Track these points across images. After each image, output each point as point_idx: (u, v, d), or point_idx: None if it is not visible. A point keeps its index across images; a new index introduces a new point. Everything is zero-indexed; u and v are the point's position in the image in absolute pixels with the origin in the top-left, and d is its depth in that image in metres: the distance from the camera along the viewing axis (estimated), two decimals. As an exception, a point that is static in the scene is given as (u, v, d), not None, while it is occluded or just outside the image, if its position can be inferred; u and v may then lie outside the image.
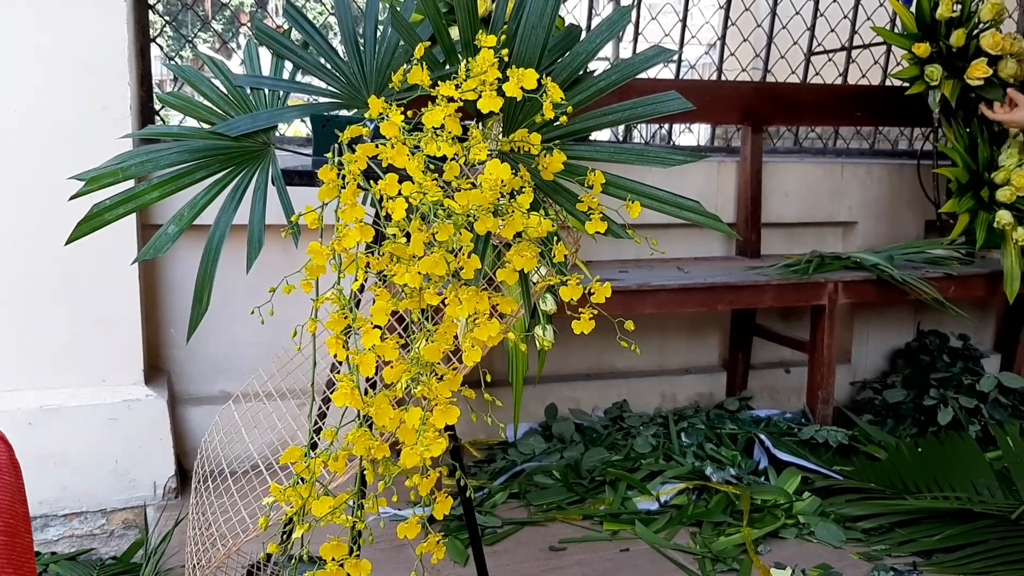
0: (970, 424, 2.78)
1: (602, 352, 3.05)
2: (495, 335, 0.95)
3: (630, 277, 2.61)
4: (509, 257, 1.00)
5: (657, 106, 1.35)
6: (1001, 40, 2.78)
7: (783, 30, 3.41)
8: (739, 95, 3.08)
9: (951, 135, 2.89)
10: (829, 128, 3.59)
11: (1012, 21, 3.58)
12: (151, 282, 2.48)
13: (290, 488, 0.97)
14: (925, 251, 3.01)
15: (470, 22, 1.37)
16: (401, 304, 0.96)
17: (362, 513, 1.02)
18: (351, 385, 0.94)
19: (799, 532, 2.22)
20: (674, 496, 2.37)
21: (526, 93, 1.11)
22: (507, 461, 2.59)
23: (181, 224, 1.44)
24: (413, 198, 0.97)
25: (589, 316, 1.02)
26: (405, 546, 0.98)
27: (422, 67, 1.11)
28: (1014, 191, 2.79)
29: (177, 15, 2.75)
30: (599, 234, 1.11)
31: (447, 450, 0.95)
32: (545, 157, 1.15)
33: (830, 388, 2.81)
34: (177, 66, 1.76)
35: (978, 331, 3.46)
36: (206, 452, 1.74)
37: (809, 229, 3.29)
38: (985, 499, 2.29)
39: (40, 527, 2.19)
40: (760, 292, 2.67)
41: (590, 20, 3.21)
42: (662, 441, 2.69)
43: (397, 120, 1.05)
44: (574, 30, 1.44)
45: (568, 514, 2.30)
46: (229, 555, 1.43)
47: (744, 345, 3.14)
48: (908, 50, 2.85)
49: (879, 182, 3.33)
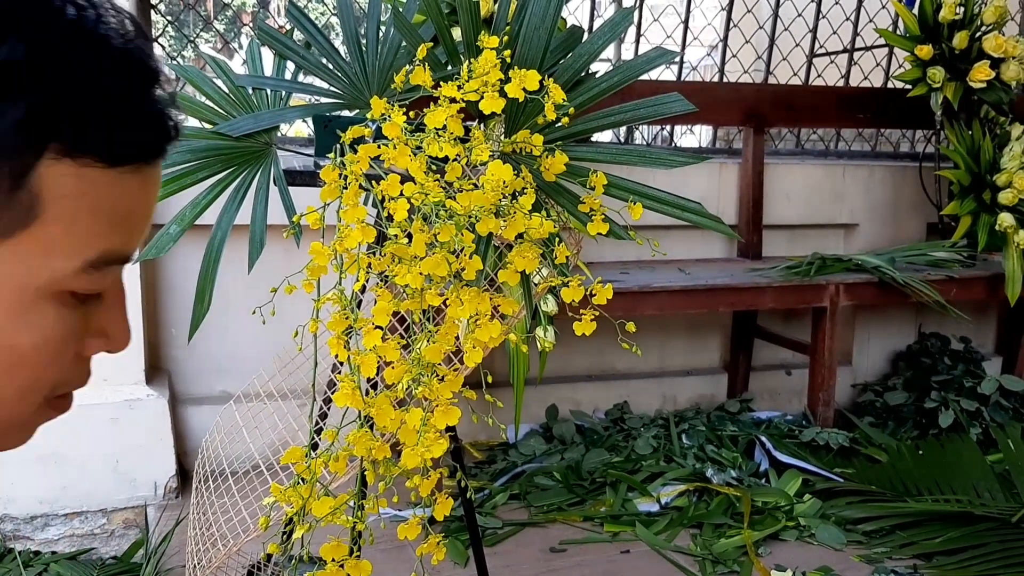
0: (971, 427, 2.78)
1: (603, 353, 3.05)
2: (496, 336, 0.95)
3: (632, 278, 2.61)
4: (511, 258, 1.00)
5: (659, 108, 1.35)
6: (1004, 43, 2.78)
7: (785, 32, 3.40)
8: (741, 97, 3.08)
9: (953, 137, 2.89)
10: (831, 130, 3.59)
11: (1015, 24, 3.59)
12: (152, 282, 2.49)
13: (291, 488, 0.97)
14: (927, 253, 3.01)
15: (472, 23, 1.37)
16: (403, 305, 0.96)
17: (362, 514, 1.02)
18: (352, 386, 0.94)
19: (800, 534, 2.22)
20: (675, 498, 2.37)
21: (528, 94, 1.11)
22: (508, 462, 2.59)
23: (183, 224, 1.44)
24: (415, 199, 0.97)
25: (591, 318, 1.02)
26: (405, 547, 0.97)
27: (424, 68, 1.11)
28: (1016, 194, 2.79)
29: (179, 15, 2.75)
30: (601, 235, 1.11)
31: (448, 451, 0.95)
32: (547, 158, 1.15)
33: (831, 390, 2.81)
34: (179, 66, 1.76)
35: (979, 334, 3.46)
36: (207, 452, 1.75)
37: (811, 231, 3.29)
38: (986, 502, 2.29)
39: (41, 526, 2.20)
40: (761, 294, 2.67)
41: (592, 21, 3.20)
42: (663, 443, 2.69)
43: (399, 121, 1.05)
44: (576, 31, 1.44)
45: (569, 515, 2.30)
46: (230, 555, 1.43)
47: (745, 347, 3.14)
48: (910, 52, 2.85)
49: (881, 184, 3.33)
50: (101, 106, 0.46)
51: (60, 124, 0.45)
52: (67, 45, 0.45)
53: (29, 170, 0.45)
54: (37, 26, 0.44)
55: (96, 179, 0.47)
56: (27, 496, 2.19)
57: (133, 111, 0.48)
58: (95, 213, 0.48)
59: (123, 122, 0.48)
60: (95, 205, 0.48)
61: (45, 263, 0.48)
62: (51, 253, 0.48)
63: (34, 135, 0.45)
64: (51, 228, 0.47)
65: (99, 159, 0.47)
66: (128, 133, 0.48)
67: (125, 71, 0.47)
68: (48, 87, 0.44)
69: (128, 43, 0.48)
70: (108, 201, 0.48)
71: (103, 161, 0.47)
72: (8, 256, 0.47)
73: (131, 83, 0.48)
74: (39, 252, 0.47)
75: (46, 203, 0.46)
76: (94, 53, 0.46)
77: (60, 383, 0.54)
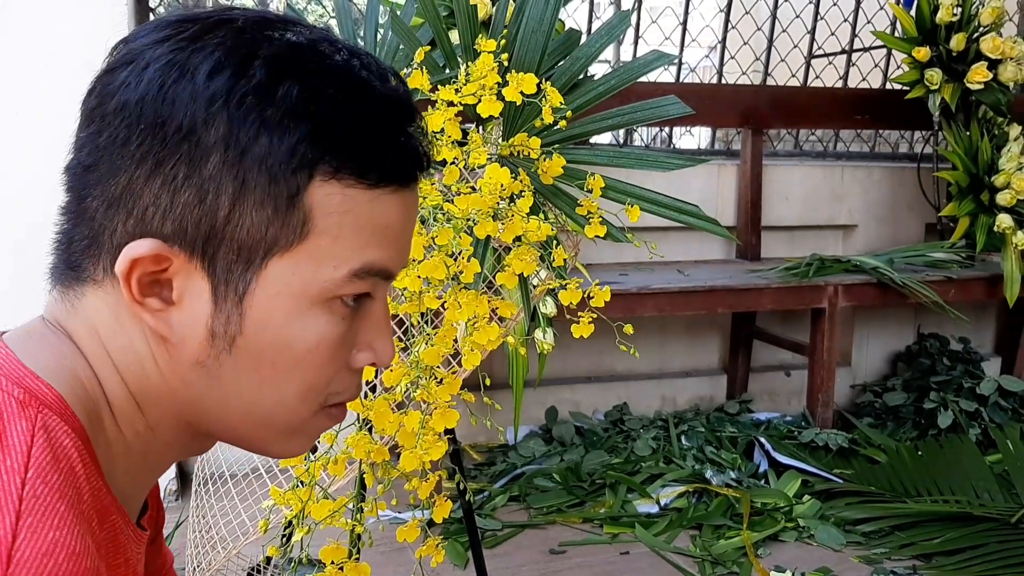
0: (970, 427, 2.78)
1: (602, 355, 3.05)
2: (494, 339, 0.95)
3: (630, 280, 2.61)
4: (509, 261, 1.01)
5: (656, 110, 1.36)
6: (1001, 44, 2.78)
7: (783, 33, 3.41)
8: (739, 98, 3.09)
9: (951, 138, 2.89)
10: (829, 131, 3.59)
11: (1012, 25, 3.59)
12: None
13: (290, 491, 0.97)
14: (925, 254, 3.01)
15: (470, 26, 1.37)
16: (401, 308, 0.96)
17: (362, 516, 1.02)
18: (351, 388, 0.94)
19: (799, 535, 2.22)
20: (674, 499, 2.37)
21: (526, 97, 1.11)
22: (507, 464, 2.59)
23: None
24: (413, 202, 0.97)
25: (588, 320, 1.02)
26: (405, 549, 0.98)
27: (422, 71, 1.12)
28: (1014, 195, 2.79)
29: (178, 18, 2.76)
30: (600, 237, 1.11)
31: (447, 453, 0.95)
32: (545, 161, 1.16)
33: (830, 391, 2.81)
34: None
35: (978, 334, 3.46)
36: (206, 455, 1.75)
37: (809, 232, 3.29)
38: (985, 502, 2.29)
39: (41, 529, 2.20)
40: (760, 295, 2.67)
41: (590, 24, 3.21)
42: (662, 444, 2.69)
43: (397, 124, 1.05)
44: (573, 34, 1.44)
45: (568, 517, 2.30)
46: (229, 558, 1.43)
47: (744, 348, 3.14)
48: (908, 54, 2.85)
49: (879, 185, 3.33)
50: (362, 136, 0.55)
51: (327, 150, 0.53)
52: (333, 85, 0.54)
53: (302, 190, 0.53)
54: (308, 71, 0.53)
55: (358, 198, 0.55)
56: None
57: (389, 141, 0.56)
58: (357, 228, 0.56)
59: (380, 150, 0.56)
60: (357, 221, 0.55)
61: (316, 272, 0.55)
62: (321, 263, 0.55)
63: (306, 159, 0.53)
64: (320, 241, 0.55)
65: (360, 181, 0.55)
66: (384, 159, 0.56)
67: (384, 107, 0.56)
68: (316, 120, 0.53)
69: (387, 85, 0.57)
70: (368, 218, 0.56)
71: (364, 182, 0.55)
72: (286, 267, 0.54)
73: (388, 118, 0.56)
74: (311, 263, 0.55)
75: (316, 219, 0.54)
76: (357, 92, 0.55)
77: (333, 390, 0.60)
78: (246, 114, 0.52)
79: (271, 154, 0.52)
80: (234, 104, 0.51)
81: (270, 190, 0.53)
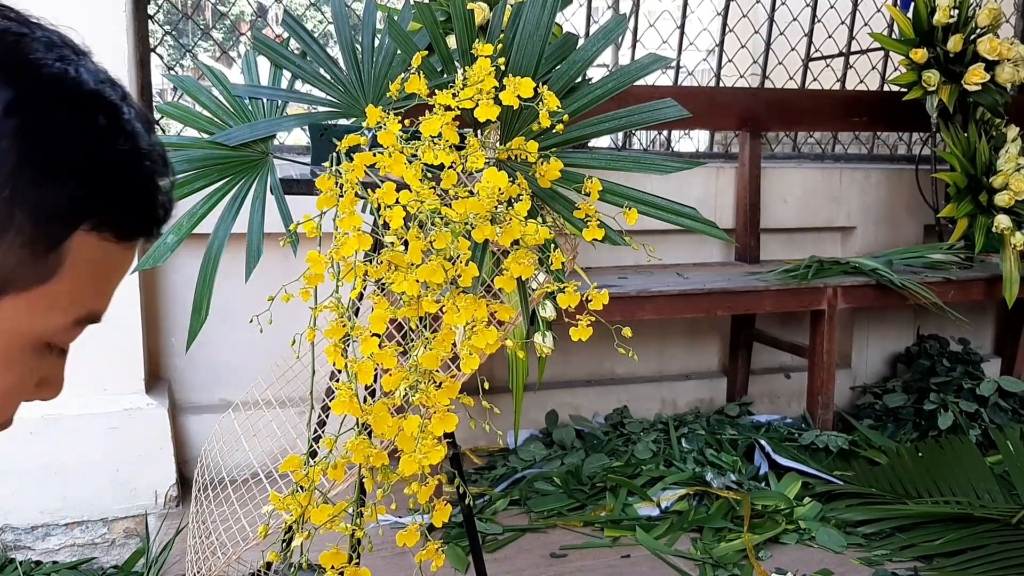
0: (970, 428, 2.78)
1: (602, 358, 3.05)
2: (493, 342, 0.95)
3: (629, 283, 2.61)
4: (507, 264, 1.01)
5: (654, 114, 1.36)
6: (998, 45, 2.78)
7: (781, 36, 3.42)
8: (737, 101, 3.09)
9: (949, 140, 2.90)
10: (827, 134, 3.60)
11: (1009, 26, 3.60)
12: (151, 290, 2.49)
13: (290, 496, 0.98)
14: (924, 256, 3.02)
15: (467, 31, 1.37)
16: (399, 312, 0.96)
17: (361, 521, 1.02)
18: (350, 393, 0.94)
19: (800, 537, 2.22)
20: (675, 502, 2.37)
21: (523, 101, 1.11)
22: (508, 468, 2.59)
23: (180, 234, 1.45)
24: (411, 206, 0.98)
25: (587, 323, 1.02)
26: (405, 553, 0.98)
27: (419, 76, 1.12)
28: (1012, 195, 2.79)
29: (177, 24, 2.76)
30: (598, 240, 1.12)
31: (447, 457, 0.95)
32: (542, 165, 1.16)
33: (830, 393, 2.81)
34: (176, 76, 1.76)
35: (978, 335, 3.46)
36: (206, 460, 1.75)
37: (808, 234, 3.29)
38: (986, 503, 2.29)
39: (41, 536, 2.20)
40: (759, 297, 2.68)
41: (588, 27, 3.21)
42: (662, 447, 2.69)
43: (395, 129, 1.05)
44: (570, 38, 1.45)
45: (569, 520, 2.30)
46: (229, 563, 1.44)
47: (744, 350, 3.14)
48: (905, 56, 2.86)
49: (878, 187, 3.33)
50: (127, 194, 0.56)
51: (97, 207, 0.54)
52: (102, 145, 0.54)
53: (67, 238, 0.53)
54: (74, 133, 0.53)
55: (108, 250, 0.56)
56: (28, 506, 2.18)
57: (149, 199, 0.58)
58: (95, 278, 0.57)
59: (140, 207, 0.57)
60: (101, 271, 0.57)
61: (46, 317, 0.55)
62: (53, 309, 0.55)
63: (76, 213, 0.53)
64: (61, 287, 0.54)
65: (116, 235, 0.56)
66: (142, 216, 0.58)
67: (150, 165, 0.57)
68: (88, 179, 0.54)
69: (152, 137, 0.58)
70: (111, 268, 0.58)
71: (118, 237, 0.56)
72: (19, 306, 0.54)
73: (152, 176, 0.58)
74: (44, 307, 0.55)
75: (66, 266, 0.54)
76: (125, 150, 0.55)
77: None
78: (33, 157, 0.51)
79: (45, 201, 0.52)
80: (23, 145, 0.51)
81: (33, 233, 0.52)
